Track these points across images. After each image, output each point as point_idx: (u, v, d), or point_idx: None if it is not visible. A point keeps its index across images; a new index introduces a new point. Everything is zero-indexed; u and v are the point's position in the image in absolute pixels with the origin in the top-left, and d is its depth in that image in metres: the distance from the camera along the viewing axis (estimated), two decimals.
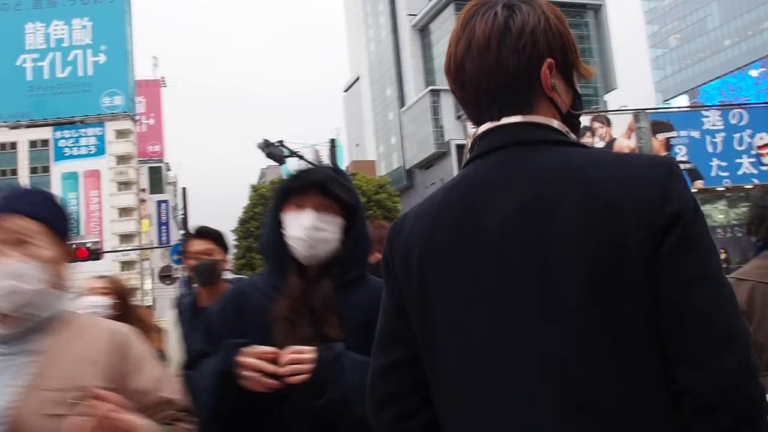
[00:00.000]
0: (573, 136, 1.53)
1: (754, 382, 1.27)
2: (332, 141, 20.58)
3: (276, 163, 17.14)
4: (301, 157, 17.96)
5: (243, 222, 38.00)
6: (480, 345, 1.40)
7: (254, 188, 38.88)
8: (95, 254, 26.14)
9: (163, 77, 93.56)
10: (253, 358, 2.12)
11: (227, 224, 38.84)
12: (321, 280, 2.33)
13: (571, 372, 1.30)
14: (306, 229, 2.29)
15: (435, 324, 1.47)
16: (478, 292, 1.41)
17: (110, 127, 75.79)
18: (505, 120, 1.50)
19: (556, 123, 1.50)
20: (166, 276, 30.67)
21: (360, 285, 2.37)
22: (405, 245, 1.53)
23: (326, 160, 20.04)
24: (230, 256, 4.04)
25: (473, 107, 1.57)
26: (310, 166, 2.56)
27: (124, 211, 75.45)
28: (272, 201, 2.41)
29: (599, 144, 56.77)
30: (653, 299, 1.29)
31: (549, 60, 1.49)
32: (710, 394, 1.25)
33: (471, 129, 1.60)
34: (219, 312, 2.42)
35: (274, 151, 16.69)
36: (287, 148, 17.32)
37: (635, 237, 1.29)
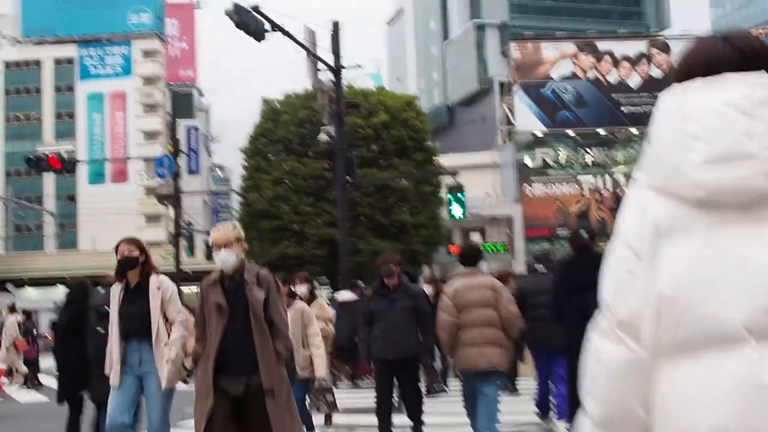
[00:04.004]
0: None
1: None
2: (335, 24, 16.90)
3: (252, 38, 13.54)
4: (285, 33, 14.31)
5: (253, 139, 34.39)
6: None
7: (265, 102, 35.11)
8: (71, 164, 23.03)
9: None
10: None
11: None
12: None
13: None
14: None
15: None
16: None
17: (137, 46, 72.92)
18: None
19: None
20: (163, 196, 28.03)
21: None
22: None
23: (325, 46, 16.44)
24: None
25: None
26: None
27: (150, 135, 72.75)
28: None
29: (656, 72, 52.98)
30: None
31: None
32: None
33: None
34: None
35: (246, 19, 13.08)
36: (266, 18, 13.65)
37: None
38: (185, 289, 25.58)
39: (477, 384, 7.03)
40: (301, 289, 9.46)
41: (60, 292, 42.13)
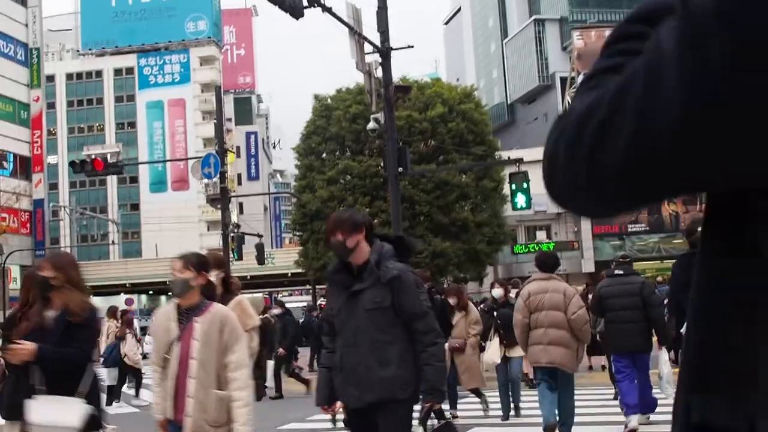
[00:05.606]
0: None
1: None
2: (383, 1, 15.66)
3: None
4: (325, 9, 13.16)
5: (305, 137, 33.39)
6: None
7: (317, 98, 34.04)
8: (116, 168, 22.36)
9: (254, 5, 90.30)
10: None
11: None
12: None
13: None
14: None
15: None
16: None
17: (195, 54, 73.14)
18: None
19: None
20: (214, 199, 27.27)
21: None
22: None
23: (372, 24, 15.23)
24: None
25: None
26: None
27: (209, 142, 72.77)
28: None
29: None
30: None
31: None
32: None
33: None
34: None
35: None
36: None
37: None
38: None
39: (547, 378, 7.63)
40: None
41: (121, 300, 41.93)
